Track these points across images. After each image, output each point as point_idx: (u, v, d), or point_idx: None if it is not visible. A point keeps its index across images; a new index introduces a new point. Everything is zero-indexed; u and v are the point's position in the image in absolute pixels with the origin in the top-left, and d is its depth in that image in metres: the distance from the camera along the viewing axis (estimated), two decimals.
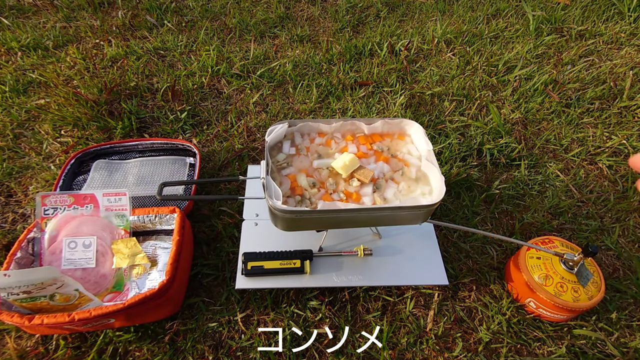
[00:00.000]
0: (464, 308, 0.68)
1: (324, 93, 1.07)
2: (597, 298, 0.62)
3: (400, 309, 0.68)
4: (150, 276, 0.66)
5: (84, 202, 0.67)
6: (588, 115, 1.04)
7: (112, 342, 0.62)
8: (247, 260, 0.65)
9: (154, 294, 0.56)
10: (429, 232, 0.73)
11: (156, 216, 0.69)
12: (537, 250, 0.66)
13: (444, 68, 1.17)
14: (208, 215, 0.79)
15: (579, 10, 1.38)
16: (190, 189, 0.80)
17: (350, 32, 1.31)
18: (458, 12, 1.40)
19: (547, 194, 0.86)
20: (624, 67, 1.16)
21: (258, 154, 0.91)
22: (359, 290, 0.69)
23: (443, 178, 0.54)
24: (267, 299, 0.67)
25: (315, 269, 0.67)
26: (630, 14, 1.37)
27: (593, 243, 0.78)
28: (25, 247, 0.63)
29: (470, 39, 1.27)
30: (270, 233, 0.71)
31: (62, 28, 1.28)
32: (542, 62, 1.20)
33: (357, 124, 0.63)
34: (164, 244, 0.70)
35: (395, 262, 0.68)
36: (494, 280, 0.71)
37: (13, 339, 0.62)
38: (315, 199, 0.55)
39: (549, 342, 0.64)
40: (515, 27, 1.32)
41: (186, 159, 0.86)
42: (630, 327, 0.67)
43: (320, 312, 0.66)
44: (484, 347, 0.64)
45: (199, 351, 0.62)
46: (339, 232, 0.72)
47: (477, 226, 0.80)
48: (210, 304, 0.68)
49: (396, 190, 0.57)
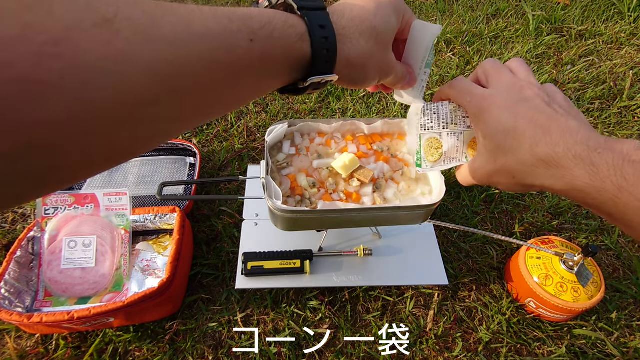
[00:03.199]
0: (464, 308, 0.68)
1: (324, 93, 1.07)
2: (597, 298, 0.62)
3: (400, 309, 0.68)
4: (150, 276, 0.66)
5: (84, 202, 0.67)
6: (588, 115, 1.04)
7: (112, 342, 0.62)
8: (247, 260, 0.65)
9: (154, 293, 0.57)
10: (429, 232, 0.73)
11: (156, 216, 0.69)
12: (537, 250, 0.66)
13: (444, 68, 1.17)
14: (208, 215, 0.79)
15: (579, 10, 1.38)
16: (190, 189, 0.80)
17: None
18: (458, 12, 1.40)
19: (547, 194, 0.86)
20: (624, 67, 1.16)
21: (258, 154, 0.91)
22: (359, 290, 0.69)
23: (443, 178, 0.54)
24: (267, 299, 0.67)
25: (315, 269, 0.67)
26: (630, 14, 1.37)
27: (593, 243, 0.78)
28: (25, 247, 0.63)
29: (470, 38, 1.27)
30: (270, 233, 0.71)
31: None
32: (542, 62, 1.20)
33: (357, 124, 0.63)
34: (164, 243, 0.71)
35: (395, 262, 0.68)
36: (494, 280, 0.72)
37: (13, 339, 0.62)
38: (315, 199, 0.55)
39: (549, 342, 0.64)
40: (515, 27, 1.32)
41: (186, 159, 0.86)
42: (630, 327, 0.67)
43: (320, 312, 0.66)
44: (484, 347, 0.64)
45: (199, 351, 0.62)
46: (339, 232, 0.72)
47: (477, 226, 0.80)
48: (210, 303, 0.68)
49: (396, 190, 0.57)
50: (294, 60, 0.28)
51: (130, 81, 0.18)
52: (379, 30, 0.32)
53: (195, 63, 0.21)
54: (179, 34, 0.21)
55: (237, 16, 0.24)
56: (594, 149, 0.29)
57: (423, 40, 0.38)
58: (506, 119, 0.32)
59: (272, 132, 0.58)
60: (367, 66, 0.33)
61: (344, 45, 0.30)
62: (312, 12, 0.28)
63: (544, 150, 0.30)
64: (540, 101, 0.33)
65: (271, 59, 0.26)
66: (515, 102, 0.33)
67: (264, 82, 0.28)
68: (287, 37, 0.27)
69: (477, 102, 0.35)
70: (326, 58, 0.29)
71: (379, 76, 0.35)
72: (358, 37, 0.31)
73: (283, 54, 0.27)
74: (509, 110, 0.33)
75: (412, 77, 0.40)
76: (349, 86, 0.35)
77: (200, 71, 0.22)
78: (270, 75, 0.28)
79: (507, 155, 0.33)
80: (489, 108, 0.34)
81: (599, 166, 0.28)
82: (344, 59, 0.31)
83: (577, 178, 0.29)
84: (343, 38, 0.30)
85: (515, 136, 0.32)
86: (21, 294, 0.61)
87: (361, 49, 0.31)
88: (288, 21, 0.27)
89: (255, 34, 0.25)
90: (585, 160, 0.29)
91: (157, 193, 0.59)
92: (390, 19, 0.34)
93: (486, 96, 0.35)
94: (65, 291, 0.63)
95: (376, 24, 0.32)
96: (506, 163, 0.33)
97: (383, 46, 0.34)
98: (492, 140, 0.34)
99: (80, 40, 0.16)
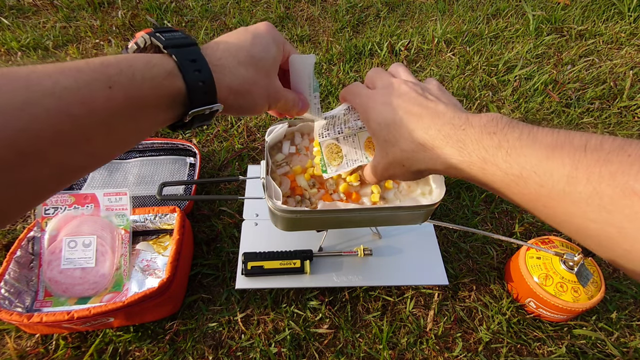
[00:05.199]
0: (464, 308, 0.68)
1: (324, 93, 1.07)
2: (597, 298, 0.62)
3: (400, 309, 0.68)
4: (150, 276, 0.66)
5: (84, 202, 0.67)
6: (588, 115, 1.04)
7: (112, 342, 0.62)
8: (247, 260, 0.65)
9: (154, 293, 0.57)
10: (429, 232, 0.73)
11: (156, 216, 0.69)
12: (537, 250, 0.66)
13: (444, 68, 1.17)
14: (208, 215, 0.79)
15: (579, 10, 1.38)
16: (190, 189, 0.80)
17: (350, 32, 1.31)
18: (458, 12, 1.39)
19: None
20: (624, 67, 1.16)
21: (258, 154, 0.91)
22: (359, 290, 0.69)
23: (443, 178, 0.54)
24: (267, 299, 0.67)
25: (315, 269, 0.67)
26: (630, 14, 1.36)
27: None
28: (25, 246, 0.63)
29: (470, 38, 1.27)
30: (270, 233, 0.71)
31: (62, 28, 1.28)
32: (542, 62, 1.20)
33: None
34: (164, 243, 0.71)
35: (395, 262, 0.68)
36: (494, 280, 0.71)
37: (13, 339, 0.62)
38: (315, 199, 0.55)
39: (549, 342, 0.64)
40: (515, 27, 1.32)
41: (186, 159, 0.86)
42: (630, 327, 0.67)
43: (320, 312, 0.66)
44: (484, 347, 0.64)
45: (199, 351, 0.62)
46: (339, 232, 0.72)
47: (477, 226, 0.80)
48: (210, 303, 0.68)
49: (396, 190, 0.57)
50: (167, 97, 0.28)
51: None
52: (258, 58, 0.34)
53: (46, 120, 0.21)
54: (20, 96, 0.20)
55: (90, 67, 0.24)
56: (459, 126, 0.31)
57: (304, 70, 0.41)
58: (387, 114, 0.36)
59: (272, 132, 0.58)
60: (252, 93, 0.34)
61: (223, 75, 0.31)
62: (181, 49, 0.29)
63: (419, 135, 0.33)
64: (415, 93, 0.36)
65: (140, 101, 0.26)
66: (393, 98, 0.36)
67: (141, 124, 0.28)
68: (153, 77, 0.27)
69: (363, 101, 0.39)
70: (204, 89, 0.29)
71: (268, 102, 0.37)
72: (237, 66, 0.32)
73: (153, 94, 0.27)
74: (388, 105, 0.36)
75: (304, 102, 0.43)
76: (239, 114, 0.36)
77: (56, 125, 0.21)
78: (144, 115, 0.27)
79: (394, 147, 0.35)
80: (373, 106, 0.37)
81: (464, 142, 0.30)
82: (226, 88, 0.31)
83: (450, 156, 0.31)
84: (220, 68, 0.31)
85: (395, 128, 0.35)
86: (21, 294, 0.61)
87: (241, 77, 0.33)
88: (151, 61, 0.27)
89: (113, 81, 0.24)
90: (453, 138, 0.31)
91: (157, 193, 0.59)
92: (269, 48, 0.35)
93: (370, 95, 0.39)
94: (65, 291, 0.63)
95: (254, 53, 0.34)
96: (395, 154, 0.36)
97: (265, 73, 0.35)
98: (379, 136, 0.37)
99: None
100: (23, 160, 0.20)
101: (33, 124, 0.20)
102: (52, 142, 0.22)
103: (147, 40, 0.30)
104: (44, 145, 0.21)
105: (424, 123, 0.33)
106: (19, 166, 0.20)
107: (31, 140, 0.20)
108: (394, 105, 0.36)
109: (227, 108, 0.33)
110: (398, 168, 0.37)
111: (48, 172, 0.23)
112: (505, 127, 0.29)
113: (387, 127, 0.36)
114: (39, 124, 0.21)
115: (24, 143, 0.20)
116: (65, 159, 0.23)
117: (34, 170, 0.21)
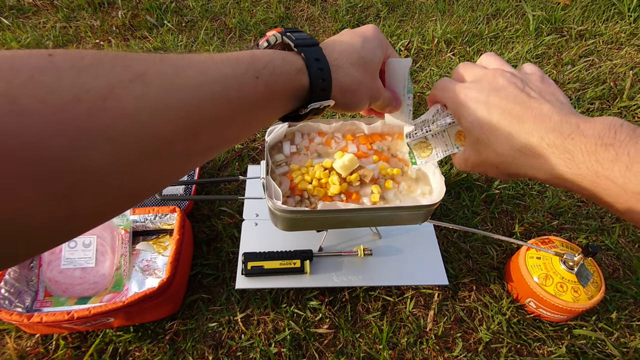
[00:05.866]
0: (464, 308, 0.68)
1: None
2: (597, 298, 0.62)
3: (400, 309, 0.68)
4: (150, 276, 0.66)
5: None
6: (588, 115, 1.04)
7: (112, 342, 0.62)
8: (247, 260, 0.65)
9: (154, 293, 0.57)
10: (429, 232, 0.73)
11: (156, 216, 0.69)
12: (537, 250, 0.66)
13: (444, 68, 1.17)
14: (208, 215, 0.79)
15: (579, 10, 1.38)
16: (190, 188, 0.80)
17: None
18: (458, 12, 1.39)
19: (547, 194, 0.86)
20: (624, 67, 1.16)
21: (258, 154, 0.91)
22: (359, 290, 0.69)
23: (443, 178, 0.54)
24: (267, 299, 0.67)
25: (315, 269, 0.67)
26: (630, 14, 1.36)
27: (593, 243, 0.78)
28: None
29: (470, 39, 1.27)
30: (270, 233, 0.71)
31: (62, 28, 1.28)
32: (542, 62, 1.20)
33: (357, 123, 0.63)
34: (164, 243, 0.70)
35: (395, 262, 0.68)
36: (494, 280, 0.71)
37: (13, 339, 0.62)
38: (315, 199, 0.55)
39: (549, 342, 0.64)
40: (515, 27, 1.32)
41: None
42: (630, 327, 0.67)
43: (320, 312, 0.66)
44: (484, 347, 0.64)
45: (199, 351, 0.62)
46: (339, 232, 0.72)
47: (477, 226, 0.80)
48: (210, 303, 0.68)
49: (396, 190, 0.57)
50: (294, 90, 0.32)
51: (160, 121, 0.21)
52: (367, 60, 0.37)
53: (212, 102, 0.24)
54: (197, 79, 0.24)
55: (244, 59, 0.28)
56: (567, 135, 0.28)
57: (400, 72, 0.43)
58: (481, 113, 0.33)
59: (272, 132, 0.58)
60: (359, 92, 0.37)
61: (338, 75, 0.34)
62: (308, 48, 0.33)
63: (519, 141, 0.30)
64: (514, 88, 0.33)
65: (274, 92, 0.30)
66: (489, 93, 0.33)
67: (269, 112, 0.32)
68: (287, 72, 0.31)
69: (454, 96, 0.36)
70: (323, 86, 0.33)
71: (370, 100, 0.39)
72: (349, 67, 0.35)
73: (284, 86, 0.31)
74: (483, 103, 0.33)
75: (397, 100, 0.44)
76: (344, 111, 0.39)
77: (217, 107, 0.25)
78: (274, 105, 0.31)
79: (487, 148, 0.33)
80: (464, 102, 0.35)
81: (573, 153, 0.28)
82: (338, 86, 0.34)
83: (555, 167, 0.29)
84: (336, 68, 0.34)
85: (491, 129, 0.32)
86: (21, 294, 0.61)
87: (352, 77, 0.35)
88: (286, 58, 0.31)
89: (260, 72, 0.28)
90: (560, 148, 0.28)
91: (157, 193, 0.59)
92: (376, 51, 0.38)
93: (459, 90, 0.36)
94: (65, 291, 0.63)
95: (364, 55, 0.36)
96: (488, 155, 0.34)
97: (371, 74, 0.38)
98: (471, 135, 0.35)
99: (121, 95, 0.19)
100: (187, 135, 0.23)
101: (202, 104, 0.24)
102: (208, 122, 0.25)
103: (278, 38, 0.34)
104: (203, 124, 0.24)
105: (525, 127, 0.30)
106: (181, 140, 0.23)
107: (196, 118, 0.23)
108: (489, 103, 0.32)
109: (335, 104, 0.36)
110: (491, 168, 0.35)
111: (196, 149, 0.25)
112: (625, 138, 0.26)
113: (480, 127, 0.33)
114: (205, 105, 0.24)
115: (192, 120, 0.23)
116: (211, 140, 0.26)
117: (187, 146, 0.24)
